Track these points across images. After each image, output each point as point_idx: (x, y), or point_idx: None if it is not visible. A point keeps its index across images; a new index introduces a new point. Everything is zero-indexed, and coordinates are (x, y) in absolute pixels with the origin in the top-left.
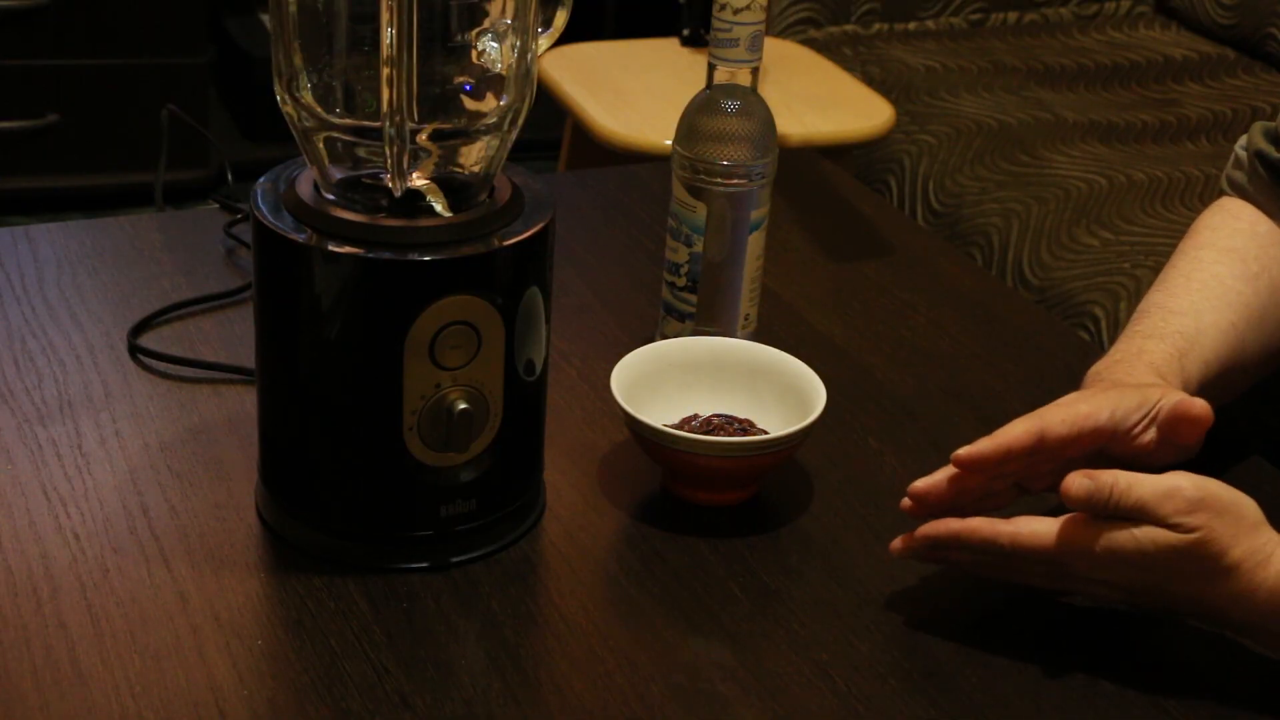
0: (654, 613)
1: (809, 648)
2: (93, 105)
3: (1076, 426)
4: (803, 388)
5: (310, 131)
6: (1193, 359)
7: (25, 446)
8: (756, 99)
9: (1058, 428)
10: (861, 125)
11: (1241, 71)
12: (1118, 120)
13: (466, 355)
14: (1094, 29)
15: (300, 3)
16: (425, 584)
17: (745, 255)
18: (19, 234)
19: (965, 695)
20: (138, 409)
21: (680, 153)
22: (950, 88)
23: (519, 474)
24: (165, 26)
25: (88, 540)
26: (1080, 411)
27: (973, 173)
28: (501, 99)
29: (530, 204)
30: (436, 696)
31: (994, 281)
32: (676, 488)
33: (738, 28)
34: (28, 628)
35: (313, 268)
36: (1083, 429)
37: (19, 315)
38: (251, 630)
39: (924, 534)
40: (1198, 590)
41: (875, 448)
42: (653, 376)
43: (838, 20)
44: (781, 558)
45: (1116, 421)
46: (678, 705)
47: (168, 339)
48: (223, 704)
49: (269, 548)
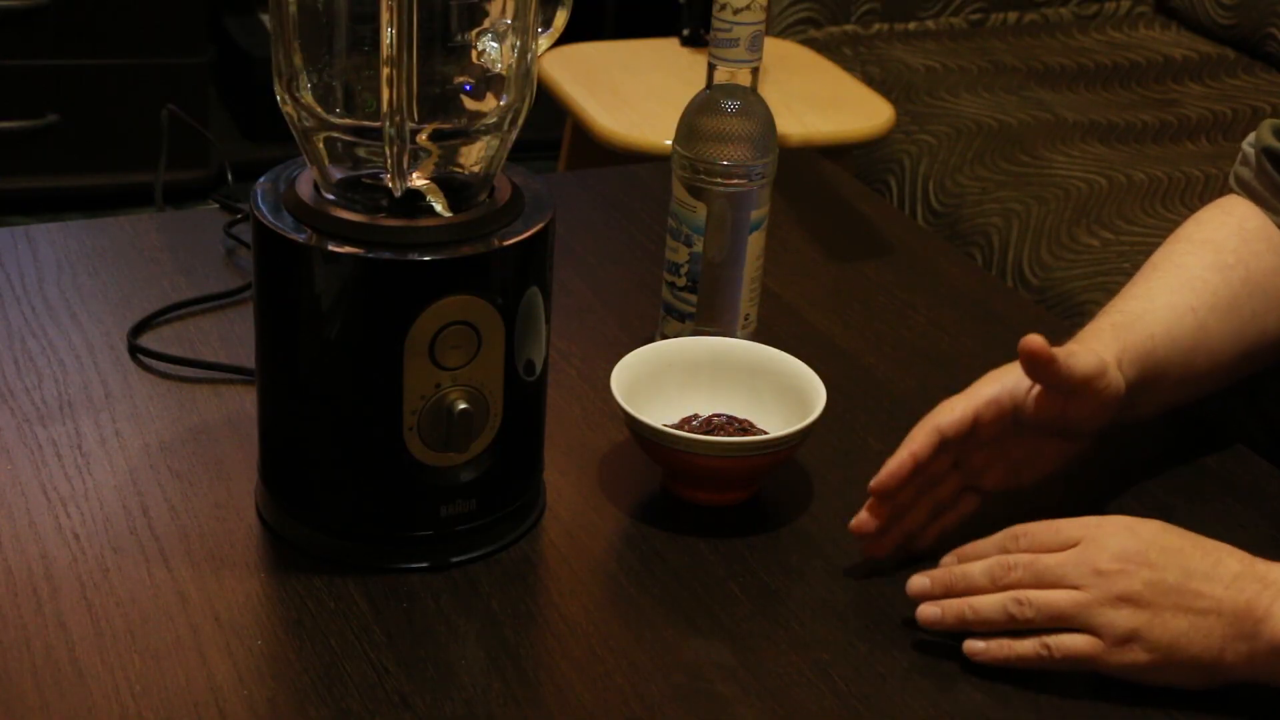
0: (654, 613)
1: (809, 648)
2: (93, 105)
3: (970, 412)
4: (803, 388)
5: (310, 131)
6: (1135, 331)
7: (25, 446)
8: (756, 99)
9: (951, 423)
10: (861, 125)
11: (1241, 71)
12: (1118, 120)
13: (466, 355)
14: (1094, 29)
15: (300, 3)
16: (425, 584)
17: (745, 255)
18: (19, 234)
19: (965, 695)
20: (138, 409)
21: (680, 153)
22: (950, 88)
23: (519, 474)
24: (165, 26)
25: (88, 540)
26: (970, 397)
27: (973, 173)
28: (501, 99)
29: (530, 204)
30: (436, 696)
31: (994, 281)
32: (676, 488)
33: (738, 28)
34: (28, 628)
35: (313, 268)
36: (978, 411)
37: (19, 315)
38: (251, 630)
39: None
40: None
41: (875, 448)
42: (653, 376)
43: (838, 20)
44: (781, 558)
45: (1008, 391)
46: (678, 705)
47: (168, 339)
48: (223, 704)
49: (269, 548)
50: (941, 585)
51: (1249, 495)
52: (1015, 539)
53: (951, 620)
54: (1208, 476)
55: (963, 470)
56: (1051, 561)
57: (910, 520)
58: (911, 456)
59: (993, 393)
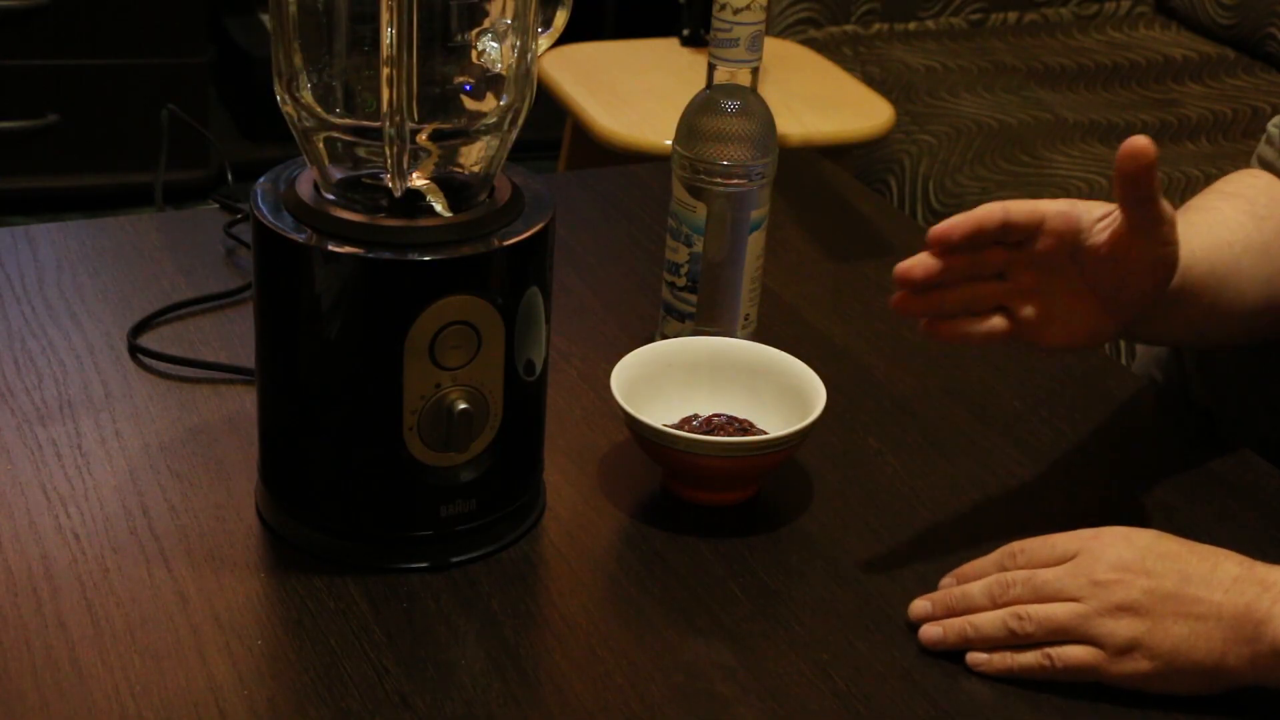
0: (654, 613)
1: (809, 648)
2: (93, 105)
3: (1040, 209)
4: (803, 388)
5: (310, 131)
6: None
7: (25, 446)
8: (756, 99)
9: (1021, 211)
10: (861, 125)
11: (1241, 71)
12: (1118, 120)
13: (466, 355)
14: (1094, 29)
15: (300, 3)
16: (425, 584)
17: (745, 255)
18: (19, 234)
19: (965, 695)
20: (138, 409)
21: (680, 153)
22: (950, 88)
23: (519, 474)
24: (165, 26)
25: (88, 540)
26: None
27: (973, 173)
28: (501, 99)
29: (530, 204)
30: (436, 696)
31: None
32: (676, 488)
33: (738, 28)
34: (28, 628)
35: (313, 268)
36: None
37: (19, 315)
38: (251, 630)
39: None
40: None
41: (875, 448)
42: (653, 376)
43: (838, 20)
44: (781, 558)
45: (1080, 212)
46: (678, 705)
47: (168, 339)
48: (223, 704)
49: (269, 548)
50: (943, 607)
51: (1249, 495)
52: (1013, 556)
53: (954, 640)
54: (1208, 476)
55: (1007, 283)
56: (1049, 576)
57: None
58: (974, 220)
59: (1064, 206)
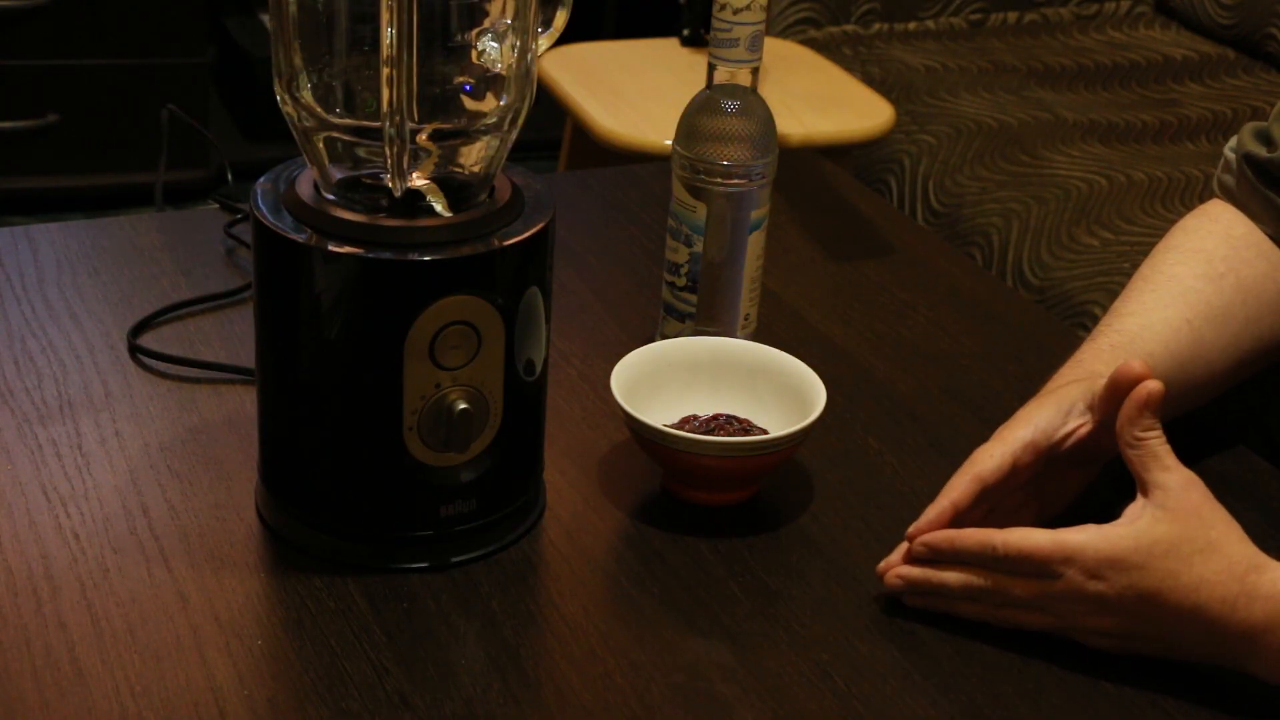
0: (654, 613)
1: (809, 648)
2: (93, 105)
3: (1009, 458)
4: (803, 388)
5: (310, 131)
6: (1134, 351)
7: (25, 446)
8: (756, 99)
9: (991, 471)
10: (861, 125)
11: (1241, 71)
12: (1118, 120)
13: (466, 355)
14: (1094, 29)
15: (300, 3)
16: (425, 584)
17: (745, 255)
18: (19, 234)
19: (965, 695)
20: (138, 409)
21: (680, 153)
22: (950, 88)
23: (519, 474)
24: (165, 26)
25: (88, 540)
26: (1006, 442)
27: (973, 173)
28: (501, 99)
29: (530, 204)
30: (436, 696)
31: (994, 281)
32: (676, 488)
33: (738, 28)
34: (28, 628)
35: (313, 268)
36: (1016, 457)
37: (19, 315)
38: (251, 630)
39: (923, 543)
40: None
41: (875, 448)
42: (653, 376)
43: (838, 20)
44: (781, 558)
45: (1042, 430)
46: (678, 705)
47: (168, 339)
48: (223, 704)
49: (269, 548)
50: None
51: (1249, 495)
52: (993, 549)
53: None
54: (1208, 476)
55: (998, 513)
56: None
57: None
58: (952, 505)
59: (1028, 435)
